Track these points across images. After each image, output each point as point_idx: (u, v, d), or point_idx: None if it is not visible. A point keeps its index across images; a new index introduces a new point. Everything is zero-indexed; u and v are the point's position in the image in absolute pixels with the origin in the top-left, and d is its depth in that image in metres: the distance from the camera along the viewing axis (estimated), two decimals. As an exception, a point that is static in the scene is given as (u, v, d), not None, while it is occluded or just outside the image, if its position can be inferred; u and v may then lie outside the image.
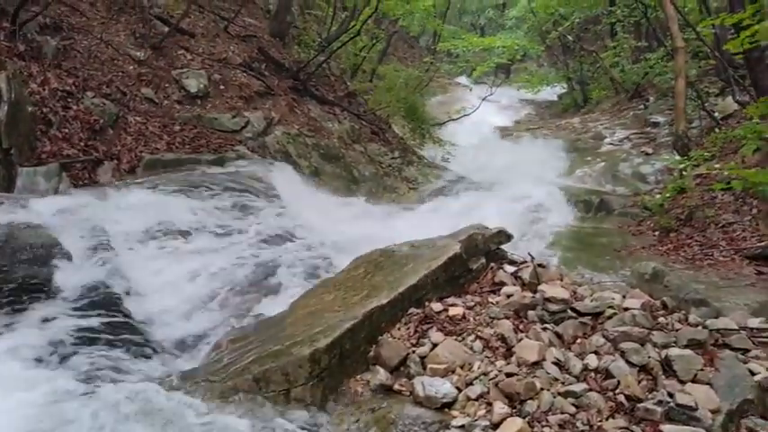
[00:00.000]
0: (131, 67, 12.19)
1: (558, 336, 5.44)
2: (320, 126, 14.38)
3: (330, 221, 10.20)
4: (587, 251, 10.07)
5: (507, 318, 5.67)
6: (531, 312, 5.70)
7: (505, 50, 25.05)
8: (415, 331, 5.56)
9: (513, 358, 5.18)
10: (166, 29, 13.55)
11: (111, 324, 6.05)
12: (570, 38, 27.35)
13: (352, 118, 15.82)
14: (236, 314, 6.81)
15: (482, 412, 4.77)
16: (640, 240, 10.49)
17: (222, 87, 13.22)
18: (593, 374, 4.99)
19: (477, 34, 33.47)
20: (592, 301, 5.76)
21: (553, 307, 5.68)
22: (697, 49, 17.36)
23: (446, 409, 4.88)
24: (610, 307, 5.61)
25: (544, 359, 5.11)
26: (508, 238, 6.81)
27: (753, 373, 5.04)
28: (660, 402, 4.69)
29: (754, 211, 9.99)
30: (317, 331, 5.31)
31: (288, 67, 15.42)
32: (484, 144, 21.02)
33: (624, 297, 5.82)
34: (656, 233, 10.61)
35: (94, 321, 6.01)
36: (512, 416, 4.68)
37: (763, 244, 9.00)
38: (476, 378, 5.06)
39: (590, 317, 5.58)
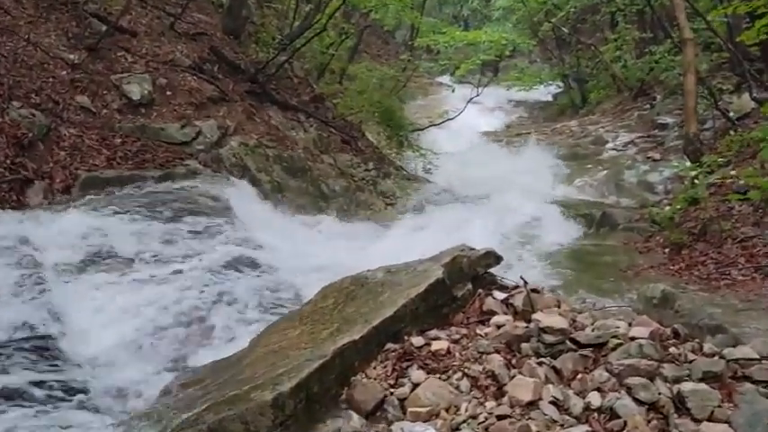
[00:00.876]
0: (64, 73, 12.14)
1: (556, 371, 5.43)
2: (283, 135, 14.38)
3: (295, 244, 10.18)
4: (588, 272, 10.11)
5: (498, 352, 5.67)
6: (524, 345, 5.70)
7: (492, 45, 25.10)
8: (393, 370, 5.54)
9: (506, 398, 5.17)
10: (104, 27, 13.52)
11: (41, 371, 5.98)
12: (565, 30, 27.58)
13: (319, 125, 15.83)
14: (188, 354, 6.77)
15: (471, 461, 4.76)
16: (648, 259, 10.54)
17: (169, 93, 13.20)
18: (596, 415, 4.99)
19: (460, 28, 33.59)
20: (594, 330, 5.76)
21: (550, 338, 5.68)
22: (708, 41, 17.55)
23: (430, 459, 4.86)
24: (614, 337, 5.61)
25: (540, 398, 5.10)
26: (497, 260, 6.81)
27: (776, 409, 5.06)
28: (673, 445, 4.69)
29: (776, 223, 10.08)
30: (280, 372, 5.27)
31: (244, 68, 15.42)
32: (470, 152, 21.07)
33: (630, 325, 5.82)
34: (666, 250, 10.67)
35: (20, 370, 5.94)
36: (505, 464, 4.67)
37: (787, 260, 9.08)
38: (463, 422, 5.04)
39: (592, 348, 5.58)
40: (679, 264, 9.90)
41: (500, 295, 6.48)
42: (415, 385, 5.37)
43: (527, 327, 5.84)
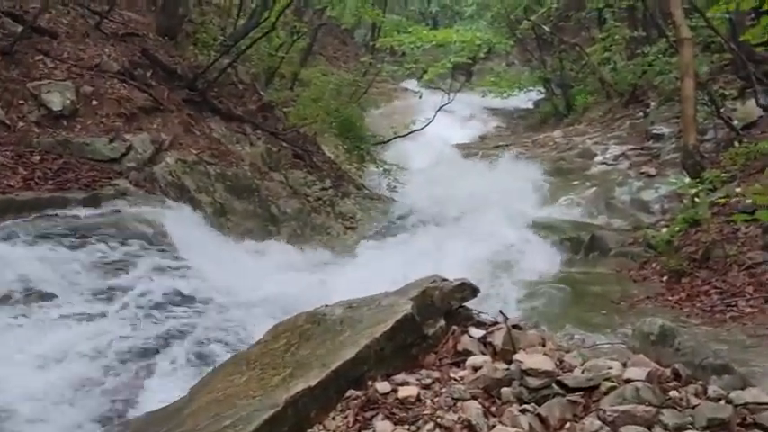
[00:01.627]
0: (-27, 80, 12.06)
1: (542, 419, 5.43)
2: (226, 150, 14.35)
3: (241, 276, 10.14)
4: (577, 305, 10.15)
5: (475, 398, 5.66)
6: (505, 390, 5.69)
7: (465, 46, 25.30)
8: (356, 420, 5.51)
9: (484, 452, 5.17)
10: (19, 28, 13.41)
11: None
12: (547, 29, 27.79)
13: (267, 138, 15.82)
14: (117, 404, 6.69)
15: None
16: (644, 288, 10.61)
17: (95, 103, 13.12)
18: (587, 469, 5.00)
19: (428, 26, 33.81)
20: (584, 371, 5.76)
21: (534, 381, 5.68)
22: (708, 40, 17.73)
23: None
24: (607, 379, 5.62)
25: (524, 451, 5.10)
26: (474, 292, 6.81)
27: (791, 461, 5.08)
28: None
29: (788, 246, 10.16)
30: (225, 425, 5.24)
31: (181, 73, 15.38)
32: (441, 167, 21.14)
33: (625, 365, 5.83)
34: (664, 278, 10.74)
35: None
36: None
37: (800, 289, 9.15)
38: (436, 480, 5.03)
39: (582, 393, 5.58)
40: (679, 294, 9.97)
41: (477, 333, 6.48)
42: (381, 438, 5.35)
43: (508, 369, 5.83)
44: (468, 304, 6.86)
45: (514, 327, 6.42)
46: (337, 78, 22.01)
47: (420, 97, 25.77)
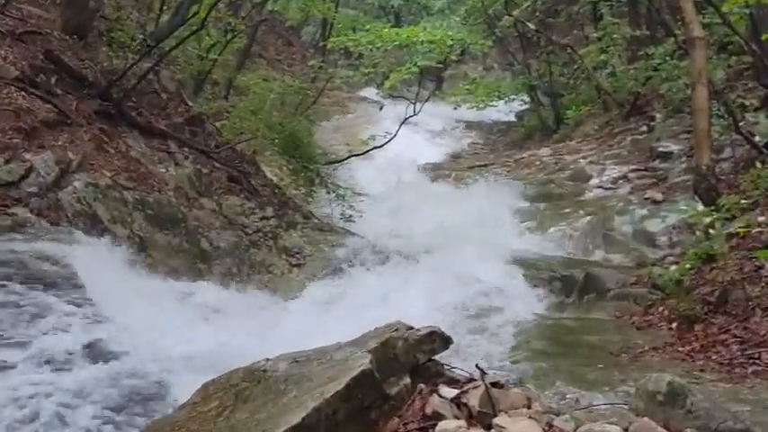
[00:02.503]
0: None
1: (527, 498, 5.43)
2: (146, 171, 14.30)
3: (164, 323, 10.10)
4: (569, 357, 10.17)
5: (447, 472, 5.66)
6: (483, 462, 5.70)
7: (434, 47, 25.34)
8: (302, 502, 5.50)
9: None
10: None
11: None
12: (532, 26, 27.90)
13: (197, 157, 15.79)
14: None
15: None
16: (649, 337, 10.63)
17: (-13, 116, 13.06)
18: None
19: (390, 23, 33.80)
20: (577, 438, 5.78)
21: (518, 452, 5.69)
22: (724, 40, 17.83)
23: None
24: (605, 448, 5.64)
25: None
26: (445, 342, 6.82)
27: None
28: None
29: (819, 287, 10.19)
30: None
31: (93, 80, 15.31)
32: (406, 192, 21.20)
33: (627, 430, 5.85)
34: (674, 325, 10.77)
35: None
36: None
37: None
38: None
39: (575, 465, 5.60)
40: (691, 344, 9.99)
41: (449, 392, 6.47)
42: None
43: (486, 436, 5.84)
44: (439, 357, 6.86)
45: (494, 385, 6.42)
46: (281, 85, 22.07)
47: (380, 108, 25.94)
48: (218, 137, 17.80)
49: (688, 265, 11.54)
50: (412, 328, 6.83)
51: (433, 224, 17.24)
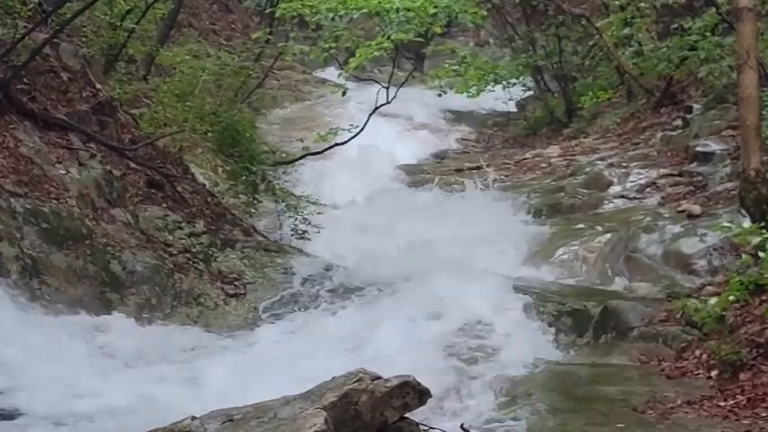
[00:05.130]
0: None
1: None
2: (41, 174, 14.28)
3: (66, 372, 10.08)
4: (581, 413, 10.20)
5: None
6: None
7: (413, 17, 25.25)
8: None
9: None
10: None
11: None
12: (538, -9, 27.96)
13: (107, 155, 15.75)
14: None
15: None
16: (682, 388, 10.67)
17: None
18: None
19: (356, -15, 33.79)
20: None
21: None
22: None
23: None
24: None
25: None
26: (421, 396, 6.84)
27: None
28: None
29: None
30: None
31: (-30, 55, 15.30)
32: (377, 202, 21.19)
33: None
34: (713, 373, 10.81)
35: None
36: None
37: None
38: None
39: None
40: (735, 397, 10.03)
41: (426, 461, 6.51)
42: None
43: None
44: (415, 414, 6.88)
45: (484, 451, 6.46)
46: (216, 64, 21.97)
47: (344, 94, 25.75)
48: (135, 129, 17.74)
49: (732, 297, 11.54)
50: (379, 377, 6.84)
51: (411, 243, 17.23)
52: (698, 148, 19.85)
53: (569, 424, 9.71)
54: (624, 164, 20.96)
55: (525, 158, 24.10)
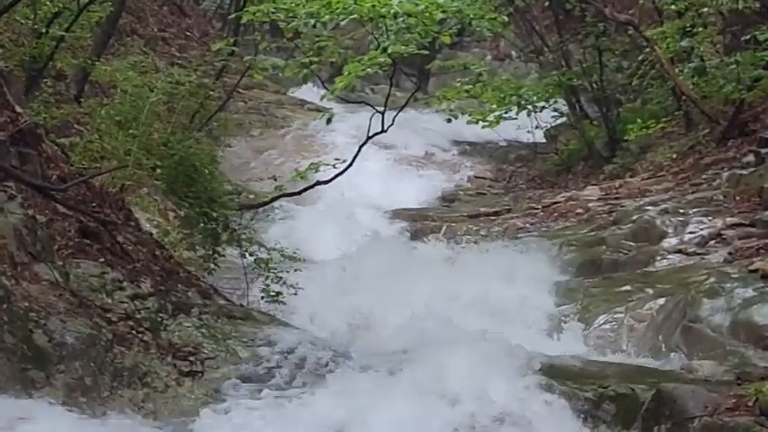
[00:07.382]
0: None
1: None
2: (-57, 221, 14.19)
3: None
4: None
5: None
6: None
7: (415, 23, 25.10)
8: None
9: None
10: None
11: None
12: (572, -8, 27.98)
13: (29, 196, 15.62)
14: None
15: None
16: None
17: None
18: None
19: (347, -16, 33.81)
20: None
21: None
22: None
23: None
24: None
25: None
26: None
27: None
28: None
29: None
30: None
31: None
32: (369, 256, 21.08)
33: None
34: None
35: None
36: None
37: None
38: None
39: None
40: None
41: None
42: None
43: None
44: None
45: None
46: (167, 81, 21.87)
47: (328, 121, 25.60)
48: (65, 164, 17.61)
49: (823, 383, 11.47)
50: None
51: (411, 308, 17.07)
52: (776, 192, 19.78)
53: None
54: (681, 210, 20.86)
55: (556, 202, 24.09)
